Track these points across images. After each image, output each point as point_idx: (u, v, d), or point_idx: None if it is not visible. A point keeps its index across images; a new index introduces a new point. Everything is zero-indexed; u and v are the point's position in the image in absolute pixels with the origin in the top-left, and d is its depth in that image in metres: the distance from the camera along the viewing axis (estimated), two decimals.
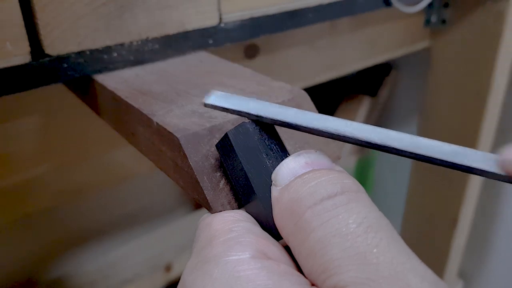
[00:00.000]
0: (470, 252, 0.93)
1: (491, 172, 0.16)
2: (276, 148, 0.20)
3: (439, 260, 0.84)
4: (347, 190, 0.16)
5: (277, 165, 0.18)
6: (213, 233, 0.18)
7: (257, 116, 0.20)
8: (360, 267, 0.14)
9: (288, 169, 0.17)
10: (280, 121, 0.19)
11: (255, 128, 0.20)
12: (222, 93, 0.21)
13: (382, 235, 0.14)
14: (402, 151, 0.17)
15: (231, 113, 0.21)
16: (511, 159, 0.15)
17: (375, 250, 0.14)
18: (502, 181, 0.16)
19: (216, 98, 0.21)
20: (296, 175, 0.17)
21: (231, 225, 0.18)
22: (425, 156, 0.17)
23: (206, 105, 0.21)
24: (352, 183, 0.17)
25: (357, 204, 0.15)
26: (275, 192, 0.18)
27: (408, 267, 0.14)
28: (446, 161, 0.16)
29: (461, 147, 0.17)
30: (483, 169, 0.16)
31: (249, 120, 0.20)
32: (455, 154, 0.16)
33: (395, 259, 0.14)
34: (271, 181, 0.18)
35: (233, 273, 0.15)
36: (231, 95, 0.21)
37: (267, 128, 0.20)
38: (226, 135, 0.20)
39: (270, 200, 0.18)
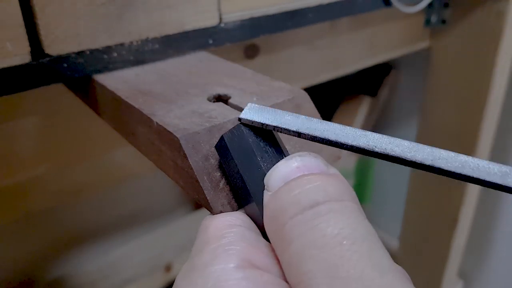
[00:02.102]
0: (470, 252, 0.93)
1: None
2: (272, 150, 0.20)
3: (439, 260, 0.84)
4: (330, 199, 0.16)
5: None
6: (207, 239, 0.18)
7: (297, 132, 0.19)
8: (331, 281, 0.14)
9: (279, 174, 0.17)
10: (320, 138, 0.19)
11: (250, 130, 0.20)
12: (257, 106, 0.21)
13: (358, 248, 0.14)
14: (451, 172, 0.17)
15: (268, 128, 0.20)
16: None
17: (347, 264, 0.14)
18: None
19: (251, 112, 0.20)
20: (286, 180, 0.17)
21: (224, 231, 0.18)
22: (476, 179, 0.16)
23: (241, 120, 0.20)
24: (336, 191, 0.16)
25: (337, 215, 0.15)
26: (266, 197, 0.17)
27: (377, 282, 0.13)
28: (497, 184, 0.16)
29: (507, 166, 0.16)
30: None
31: (246, 121, 0.20)
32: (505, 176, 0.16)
33: (365, 274, 0.14)
34: None
35: (215, 283, 0.16)
36: (266, 107, 0.21)
37: (263, 130, 0.20)
38: (222, 137, 0.20)
39: None
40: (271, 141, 0.20)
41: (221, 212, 0.20)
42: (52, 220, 0.73)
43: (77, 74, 0.30)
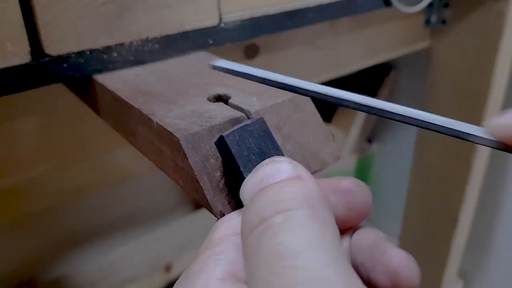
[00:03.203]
0: (470, 252, 0.93)
1: (484, 138, 0.18)
2: (256, 158, 0.20)
3: (439, 260, 0.84)
4: (276, 212, 0.16)
5: None
6: (208, 243, 0.18)
7: (261, 78, 0.21)
8: None
9: (247, 190, 0.18)
10: (281, 83, 0.21)
11: (233, 139, 0.20)
12: (228, 61, 0.23)
13: (292, 262, 0.14)
14: (408, 117, 0.19)
15: (237, 75, 0.22)
16: (498, 125, 0.17)
17: (280, 280, 0.14)
18: (493, 147, 0.18)
19: (223, 63, 0.23)
20: (252, 195, 0.17)
21: (224, 238, 0.18)
22: (426, 122, 0.19)
23: (215, 67, 0.22)
24: (286, 201, 0.16)
25: (279, 228, 0.15)
26: (243, 212, 0.18)
27: None
28: (445, 127, 0.19)
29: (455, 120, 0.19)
30: (476, 134, 0.18)
31: (229, 131, 0.20)
32: (452, 124, 0.19)
33: (298, 284, 0.14)
34: None
35: None
36: (236, 63, 0.23)
37: (247, 136, 0.20)
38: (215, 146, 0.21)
39: None
40: (256, 149, 0.20)
41: (221, 212, 0.20)
42: (52, 220, 0.73)
43: (77, 74, 0.30)
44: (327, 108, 1.02)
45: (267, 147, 0.20)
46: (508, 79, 0.68)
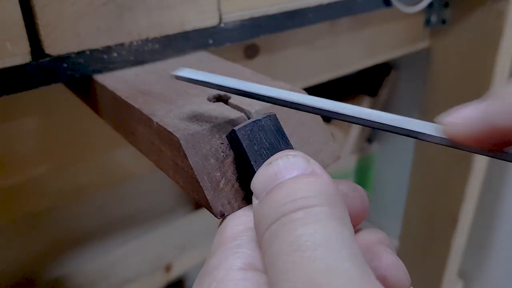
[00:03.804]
0: (470, 252, 0.94)
1: (434, 136, 0.18)
2: (266, 153, 0.20)
3: (439, 260, 0.84)
4: (296, 208, 0.16)
5: None
6: (222, 241, 0.19)
7: (217, 85, 0.21)
8: (285, 284, 0.14)
9: (261, 182, 0.18)
10: (235, 89, 0.21)
11: (245, 134, 0.20)
12: (191, 69, 0.23)
13: (311, 253, 0.14)
14: (354, 117, 0.19)
15: (196, 83, 0.22)
16: (450, 123, 0.18)
17: (298, 269, 0.14)
18: (443, 144, 0.18)
19: (185, 72, 0.23)
20: (267, 188, 0.17)
21: (239, 234, 0.19)
22: (377, 123, 0.19)
23: (176, 77, 0.22)
24: (305, 197, 0.16)
25: (298, 223, 0.15)
26: (254, 204, 0.18)
27: (325, 287, 0.14)
28: (396, 127, 0.18)
29: (407, 117, 0.19)
30: (427, 133, 0.18)
31: (241, 125, 0.20)
32: (404, 122, 0.19)
33: (313, 278, 0.14)
34: None
35: (218, 283, 0.17)
36: (200, 71, 0.23)
37: (259, 131, 0.20)
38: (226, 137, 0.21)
39: None
40: (267, 143, 0.20)
41: (220, 212, 0.20)
42: (52, 220, 0.73)
43: (77, 74, 0.30)
44: None
45: (278, 142, 0.20)
46: (508, 79, 0.68)
